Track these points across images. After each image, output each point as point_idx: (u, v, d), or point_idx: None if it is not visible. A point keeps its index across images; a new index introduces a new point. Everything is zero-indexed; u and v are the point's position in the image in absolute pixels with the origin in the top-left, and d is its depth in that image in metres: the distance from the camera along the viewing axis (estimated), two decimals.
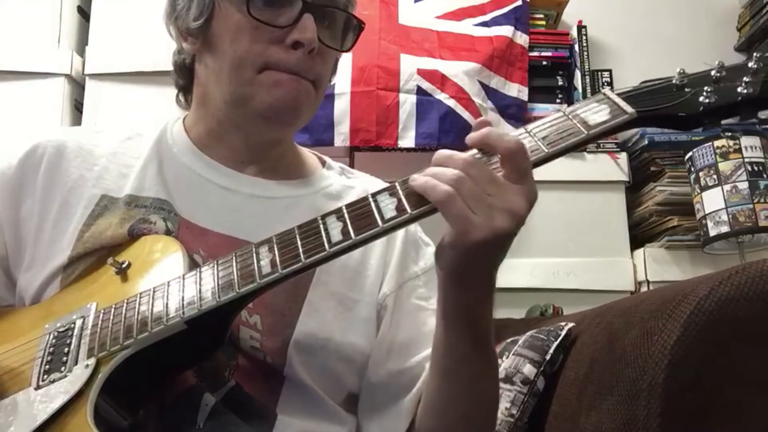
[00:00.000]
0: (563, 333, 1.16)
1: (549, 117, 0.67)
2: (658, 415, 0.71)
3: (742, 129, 1.90)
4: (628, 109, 0.65)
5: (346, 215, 0.66)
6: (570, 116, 0.66)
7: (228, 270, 0.69)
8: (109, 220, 0.83)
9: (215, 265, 0.70)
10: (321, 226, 0.66)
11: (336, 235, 0.65)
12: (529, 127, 0.67)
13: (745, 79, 0.65)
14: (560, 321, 1.24)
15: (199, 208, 0.85)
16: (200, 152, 0.90)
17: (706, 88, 0.66)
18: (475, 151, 0.65)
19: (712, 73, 0.67)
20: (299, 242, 0.66)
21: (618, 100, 0.67)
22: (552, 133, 0.65)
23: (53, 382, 0.70)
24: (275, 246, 0.68)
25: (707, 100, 0.65)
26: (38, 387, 0.70)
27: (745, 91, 0.65)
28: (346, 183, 0.95)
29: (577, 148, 0.66)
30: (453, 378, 0.74)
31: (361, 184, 0.96)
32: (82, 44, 2.28)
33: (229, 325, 0.71)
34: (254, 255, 0.68)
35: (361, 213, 0.65)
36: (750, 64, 0.65)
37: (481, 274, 0.66)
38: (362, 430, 0.86)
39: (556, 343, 1.15)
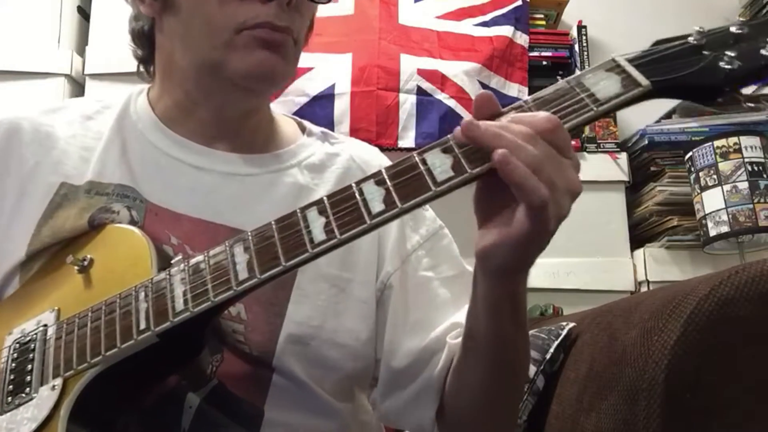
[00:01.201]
0: (564, 333, 1.16)
1: (552, 87, 0.60)
2: (658, 415, 0.71)
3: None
4: (643, 80, 0.57)
5: (329, 209, 0.59)
6: (576, 87, 0.59)
7: (200, 274, 0.62)
8: (68, 211, 0.76)
9: (186, 268, 0.64)
10: (301, 222, 0.59)
11: (318, 234, 0.58)
12: (530, 99, 0.60)
13: None
14: (561, 321, 1.24)
15: (170, 192, 0.78)
16: (167, 128, 0.82)
17: (727, 51, 0.58)
18: (512, 113, 0.58)
19: (732, 29, 0.59)
20: (278, 242, 0.60)
21: (630, 68, 0.58)
22: (556, 110, 0.58)
23: (19, 405, 0.64)
24: (252, 246, 0.61)
25: (729, 66, 0.57)
26: (2, 411, 0.65)
27: None
28: (330, 150, 0.88)
29: (585, 125, 0.59)
30: (496, 360, 0.70)
31: (346, 149, 0.89)
32: (82, 44, 2.29)
33: (204, 333, 0.66)
34: (229, 256, 0.62)
35: (345, 207, 0.58)
36: None
37: (531, 261, 0.60)
38: (388, 415, 0.83)
39: (556, 343, 1.15)
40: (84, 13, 2.34)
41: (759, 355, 0.71)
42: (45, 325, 0.69)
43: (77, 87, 2.26)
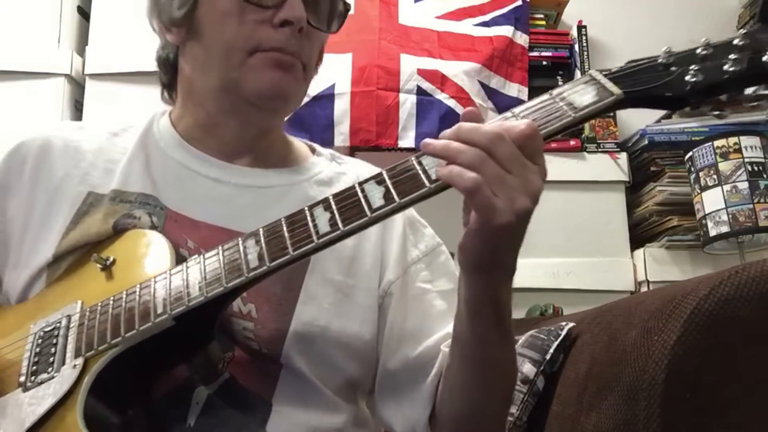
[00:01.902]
0: (564, 333, 1.16)
1: (536, 100, 0.66)
2: (658, 415, 0.71)
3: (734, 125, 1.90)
4: (615, 90, 0.65)
5: (333, 205, 0.65)
6: (557, 99, 0.66)
7: (215, 264, 0.68)
8: (94, 217, 0.82)
9: (201, 260, 0.70)
10: (308, 216, 0.66)
11: (324, 226, 0.64)
12: (516, 110, 0.66)
13: (731, 56, 0.63)
14: (560, 321, 1.24)
15: (188, 200, 0.84)
16: (189, 145, 0.89)
17: (692, 66, 0.65)
18: (498, 121, 0.64)
19: (698, 51, 0.65)
20: (286, 234, 0.66)
21: (605, 81, 0.66)
22: (539, 117, 0.64)
23: (41, 383, 0.69)
24: (262, 238, 0.67)
25: (693, 79, 0.64)
26: (26, 389, 0.69)
27: (731, 68, 0.63)
28: (337, 169, 0.94)
29: (566, 131, 0.65)
30: (480, 364, 0.74)
31: (352, 169, 0.95)
32: (82, 44, 2.29)
33: (216, 320, 0.71)
34: (241, 248, 0.68)
35: (348, 203, 0.65)
36: (735, 41, 0.64)
37: (506, 258, 0.66)
38: (383, 417, 0.86)
39: (556, 343, 1.15)
40: (84, 13, 2.34)
41: (759, 355, 0.71)
42: (69, 315, 0.74)
43: (77, 87, 2.26)
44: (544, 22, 2.34)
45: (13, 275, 0.83)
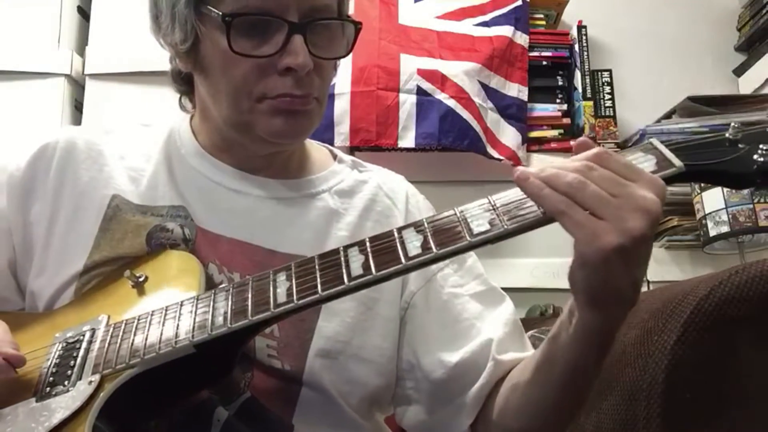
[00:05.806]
0: None
1: None
2: (658, 415, 0.71)
3: None
4: (676, 162, 0.62)
5: (369, 249, 0.64)
6: None
7: (243, 295, 0.68)
8: (124, 226, 0.82)
9: (230, 289, 0.69)
10: (342, 258, 0.65)
11: (356, 268, 0.64)
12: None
13: None
14: None
15: (211, 213, 0.84)
16: (209, 155, 0.88)
17: (761, 146, 0.63)
18: (596, 150, 0.61)
19: None
20: (318, 273, 0.65)
21: (666, 151, 0.64)
22: None
23: (55, 395, 0.68)
24: (293, 275, 0.67)
25: (762, 159, 0.62)
26: (40, 399, 0.69)
27: None
28: (359, 177, 0.93)
29: None
30: (569, 390, 0.71)
31: (374, 178, 0.94)
32: (82, 44, 2.28)
33: (238, 351, 0.70)
34: (271, 282, 0.67)
35: (384, 248, 0.64)
36: None
37: (622, 288, 0.59)
38: (416, 423, 0.84)
39: None
40: (84, 13, 2.34)
41: (759, 355, 0.71)
42: (93, 329, 0.73)
43: (77, 87, 2.26)
44: (544, 22, 2.33)
45: (39, 282, 0.82)
